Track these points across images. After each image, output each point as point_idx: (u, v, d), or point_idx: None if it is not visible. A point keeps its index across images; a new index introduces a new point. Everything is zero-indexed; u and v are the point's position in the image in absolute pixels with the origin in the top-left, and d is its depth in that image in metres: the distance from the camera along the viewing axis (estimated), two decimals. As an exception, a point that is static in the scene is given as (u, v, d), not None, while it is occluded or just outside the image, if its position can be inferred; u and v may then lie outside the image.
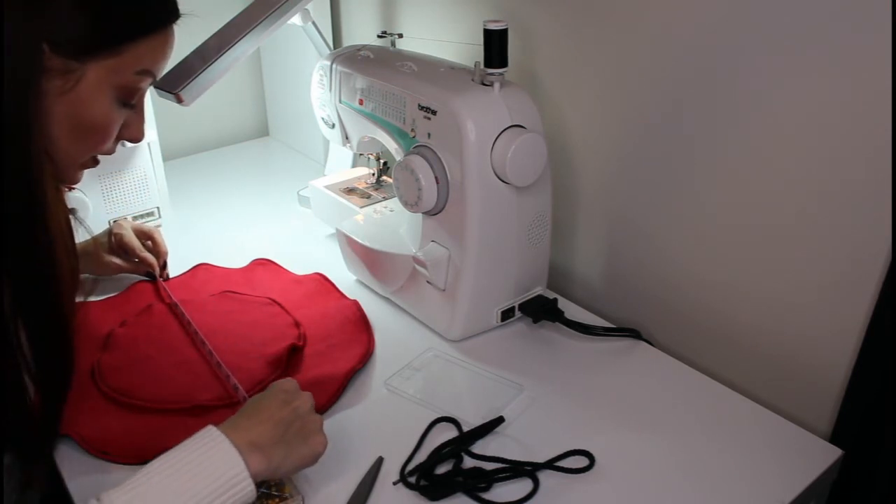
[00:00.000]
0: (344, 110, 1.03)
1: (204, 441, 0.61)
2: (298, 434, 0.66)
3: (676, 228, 0.88)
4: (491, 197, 0.84)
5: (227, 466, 0.60)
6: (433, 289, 0.91)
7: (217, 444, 0.61)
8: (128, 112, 0.66)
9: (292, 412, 0.67)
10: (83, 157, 0.65)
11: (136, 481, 0.58)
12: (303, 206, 1.28)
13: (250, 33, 0.91)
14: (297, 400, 0.68)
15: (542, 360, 0.88)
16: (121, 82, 0.62)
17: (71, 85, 0.58)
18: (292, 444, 0.65)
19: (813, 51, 0.69)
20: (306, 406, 0.68)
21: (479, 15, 1.04)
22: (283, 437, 0.65)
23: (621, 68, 0.88)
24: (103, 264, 1.02)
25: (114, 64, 0.60)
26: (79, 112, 0.60)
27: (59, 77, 0.57)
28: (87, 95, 0.60)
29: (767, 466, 0.72)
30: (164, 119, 1.25)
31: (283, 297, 0.99)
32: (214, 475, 0.59)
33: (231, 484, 0.59)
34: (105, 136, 0.64)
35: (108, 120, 0.63)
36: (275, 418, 0.66)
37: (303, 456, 0.66)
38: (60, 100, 0.58)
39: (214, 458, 0.60)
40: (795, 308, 0.78)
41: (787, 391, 0.81)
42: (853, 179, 0.70)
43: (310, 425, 0.68)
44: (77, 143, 0.62)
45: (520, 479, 0.71)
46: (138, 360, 0.87)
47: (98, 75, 0.60)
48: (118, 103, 0.63)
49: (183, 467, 0.59)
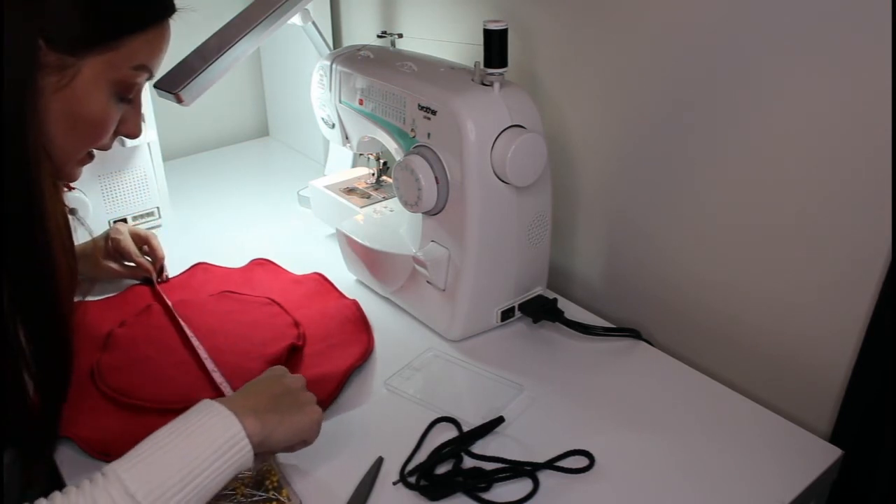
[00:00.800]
0: (344, 110, 1.03)
1: (200, 410, 0.63)
2: (293, 405, 0.68)
3: (676, 228, 0.88)
4: (491, 197, 0.84)
5: (224, 428, 0.61)
6: (433, 289, 0.91)
7: (213, 410, 0.62)
8: (125, 107, 0.65)
9: (284, 387, 0.69)
10: (80, 153, 0.65)
11: (137, 451, 0.59)
12: (303, 206, 1.28)
13: (250, 33, 0.91)
14: (288, 378, 0.71)
15: (542, 360, 0.88)
16: (117, 77, 0.62)
17: (67, 81, 0.58)
18: (286, 413, 0.67)
19: (813, 51, 0.69)
20: (298, 384, 0.71)
21: (479, 15, 1.04)
22: (276, 406, 0.67)
23: (621, 68, 0.88)
24: (100, 268, 1.02)
25: (110, 59, 0.60)
26: (75, 108, 0.60)
27: (54, 73, 0.57)
28: (84, 91, 0.59)
29: (767, 466, 0.72)
30: (164, 119, 1.24)
31: (282, 296, 0.99)
32: (212, 437, 0.60)
33: (230, 445, 0.61)
34: (102, 132, 0.64)
35: (104, 115, 0.63)
36: (267, 391, 0.68)
37: (298, 423, 0.67)
38: (57, 96, 0.58)
39: (211, 423, 0.61)
40: (795, 308, 0.78)
41: (787, 391, 0.81)
42: (853, 179, 0.70)
43: (303, 398, 0.70)
44: (74, 139, 0.62)
45: (520, 479, 0.71)
46: (138, 361, 0.86)
47: (94, 71, 0.59)
48: (115, 98, 0.63)
49: (181, 433, 0.60)
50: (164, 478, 0.57)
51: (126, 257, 1.03)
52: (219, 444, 0.60)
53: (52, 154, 0.60)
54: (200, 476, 0.58)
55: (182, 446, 0.59)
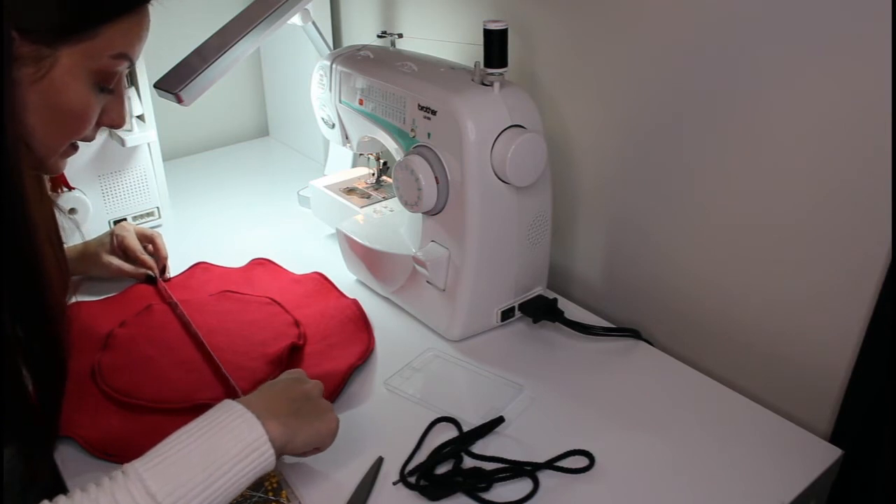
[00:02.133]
0: (344, 110, 1.03)
1: (222, 410, 0.62)
2: (312, 411, 0.68)
3: (677, 228, 0.88)
4: (491, 197, 0.84)
5: (247, 430, 0.61)
6: (433, 289, 0.91)
7: (236, 412, 0.62)
8: (106, 97, 0.64)
9: (303, 393, 0.69)
10: (63, 146, 0.63)
11: (158, 451, 0.58)
12: (303, 206, 1.28)
13: (250, 33, 0.91)
14: (307, 384, 0.71)
15: (542, 360, 0.88)
16: (96, 67, 0.60)
17: (44, 72, 0.57)
18: (306, 418, 0.67)
19: (813, 51, 0.69)
20: (316, 390, 0.71)
21: (479, 15, 1.04)
22: (297, 411, 0.67)
23: (621, 68, 0.88)
24: (103, 265, 1.02)
25: (87, 48, 0.58)
26: (54, 99, 0.58)
27: (31, 64, 0.56)
28: (62, 82, 0.58)
29: (767, 466, 0.72)
30: (164, 119, 1.24)
31: (282, 296, 0.99)
32: (235, 439, 0.60)
33: (252, 448, 0.60)
34: (83, 123, 0.62)
35: (85, 106, 0.61)
36: (287, 395, 0.68)
37: (317, 429, 0.68)
38: (34, 87, 0.57)
39: (234, 424, 0.61)
40: (795, 308, 0.78)
41: (787, 391, 0.81)
42: (853, 179, 0.70)
43: (321, 406, 0.70)
44: (55, 131, 0.61)
45: (520, 479, 0.71)
46: (138, 360, 0.87)
47: (72, 60, 0.58)
48: (95, 88, 0.61)
49: (204, 434, 0.60)
50: (186, 478, 0.56)
51: (130, 255, 1.03)
52: (241, 446, 0.60)
53: (34, 147, 0.59)
54: (223, 479, 0.58)
55: (205, 448, 0.59)
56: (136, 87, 1.12)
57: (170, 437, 0.60)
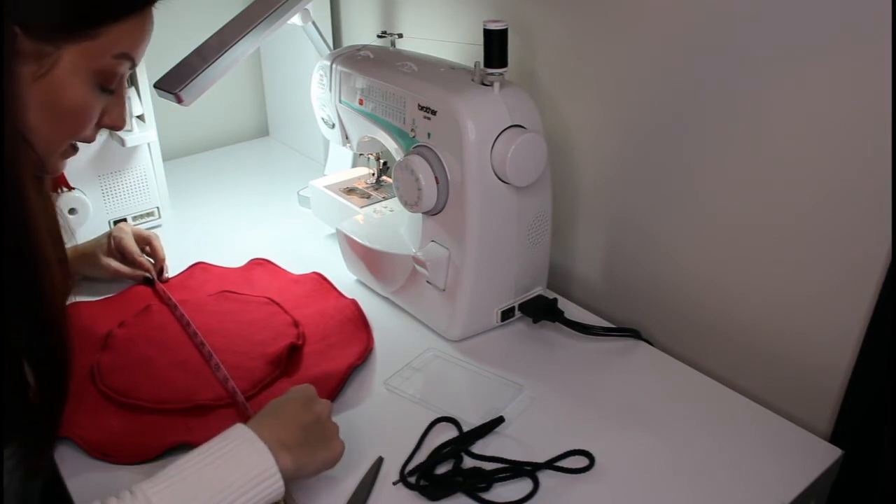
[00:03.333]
0: (344, 110, 1.03)
1: (235, 436, 0.62)
2: (320, 439, 0.68)
3: (677, 228, 0.88)
4: (491, 197, 0.84)
5: (257, 460, 0.61)
6: (433, 289, 0.91)
7: (247, 440, 0.62)
8: (107, 98, 0.63)
9: (314, 417, 0.68)
10: (62, 145, 0.63)
11: (167, 474, 0.58)
12: (303, 206, 1.28)
13: (250, 33, 0.91)
14: (318, 405, 0.70)
15: (542, 360, 0.88)
16: (98, 66, 0.60)
17: (46, 70, 0.56)
18: (315, 448, 0.67)
19: (813, 51, 0.69)
20: (326, 412, 0.70)
21: (479, 15, 1.04)
22: (307, 440, 0.66)
23: (622, 68, 0.88)
24: (100, 266, 1.02)
25: (90, 47, 0.58)
26: (55, 97, 0.58)
27: (33, 62, 0.55)
28: (63, 80, 0.57)
29: (767, 466, 0.72)
30: (164, 119, 1.24)
31: (281, 296, 0.99)
32: (245, 468, 0.60)
33: (262, 478, 0.60)
34: (84, 122, 0.62)
35: (85, 105, 0.61)
36: (298, 421, 0.67)
37: (324, 460, 0.67)
38: (36, 85, 0.56)
39: (246, 453, 0.61)
40: (795, 308, 0.78)
41: (787, 391, 0.81)
42: (853, 179, 0.70)
43: (329, 430, 0.69)
44: (55, 130, 0.60)
45: (520, 479, 0.71)
46: (137, 361, 0.86)
47: (74, 59, 0.57)
48: (97, 88, 0.61)
49: (215, 461, 0.60)
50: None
51: (127, 256, 1.03)
52: (251, 476, 0.60)
53: (34, 145, 0.58)
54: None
55: (215, 475, 0.59)
56: (136, 87, 1.12)
57: (180, 459, 0.60)
